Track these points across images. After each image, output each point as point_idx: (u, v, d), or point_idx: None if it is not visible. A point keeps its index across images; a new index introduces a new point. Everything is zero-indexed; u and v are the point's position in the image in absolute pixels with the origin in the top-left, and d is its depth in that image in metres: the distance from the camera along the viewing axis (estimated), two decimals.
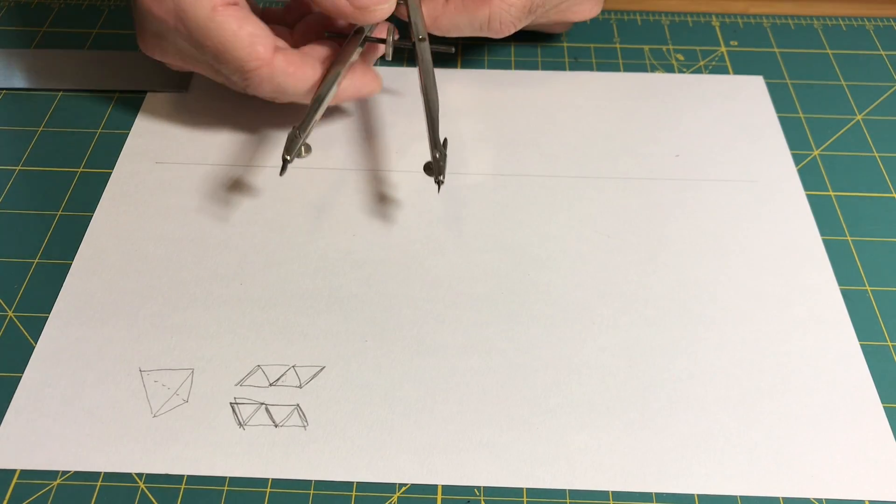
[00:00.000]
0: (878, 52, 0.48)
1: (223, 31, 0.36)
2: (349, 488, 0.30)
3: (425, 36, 0.40)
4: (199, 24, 0.36)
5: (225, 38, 0.36)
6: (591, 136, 0.43)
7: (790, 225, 0.39)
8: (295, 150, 0.36)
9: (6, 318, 0.35)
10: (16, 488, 0.30)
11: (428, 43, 0.40)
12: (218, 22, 0.36)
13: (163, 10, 0.36)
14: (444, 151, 0.36)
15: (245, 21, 0.36)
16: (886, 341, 0.35)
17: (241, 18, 0.36)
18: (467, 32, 0.41)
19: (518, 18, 0.41)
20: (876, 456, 0.31)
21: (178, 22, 0.36)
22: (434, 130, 0.37)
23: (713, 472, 0.31)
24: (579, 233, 0.38)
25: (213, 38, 0.36)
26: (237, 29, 0.36)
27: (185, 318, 0.35)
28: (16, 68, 0.46)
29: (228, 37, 0.36)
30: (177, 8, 0.36)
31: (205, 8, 0.35)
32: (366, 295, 0.36)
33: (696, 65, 0.47)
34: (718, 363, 0.34)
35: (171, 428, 0.31)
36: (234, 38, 0.36)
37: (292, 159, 0.36)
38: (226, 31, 0.36)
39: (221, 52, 0.36)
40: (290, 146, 0.36)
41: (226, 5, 0.36)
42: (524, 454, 0.31)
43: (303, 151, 0.36)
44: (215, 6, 0.36)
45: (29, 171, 0.41)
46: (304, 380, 0.33)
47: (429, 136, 0.36)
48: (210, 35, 0.36)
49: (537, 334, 0.34)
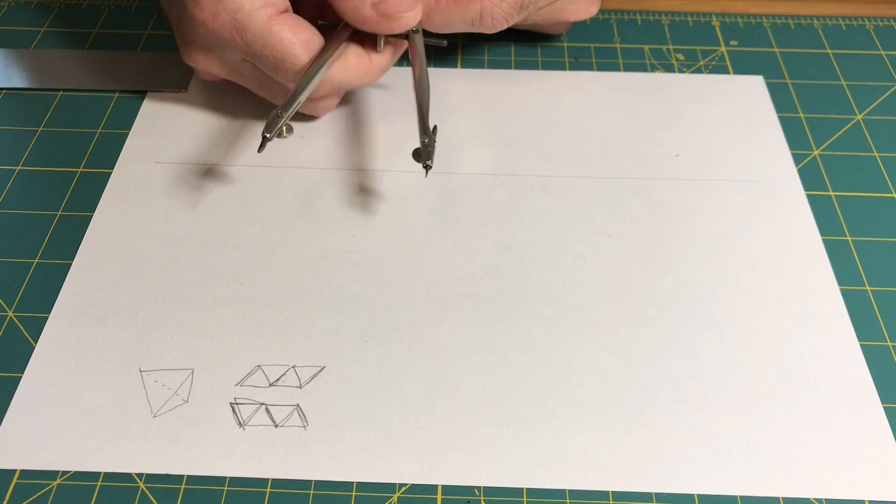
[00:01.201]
0: (878, 52, 0.48)
1: (281, 40, 0.36)
2: (349, 488, 0.30)
3: (419, 28, 0.40)
4: (257, 35, 0.36)
5: (283, 46, 0.36)
6: (590, 136, 0.43)
7: (790, 225, 0.39)
8: (276, 129, 0.36)
9: (6, 318, 0.35)
10: (16, 488, 0.30)
11: (421, 35, 0.40)
12: (274, 31, 0.36)
13: (218, 23, 0.36)
14: (434, 137, 0.36)
15: (298, 28, 0.37)
16: (886, 341, 0.35)
17: (294, 26, 0.37)
18: (460, 28, 0.41)
19: (510, 14, 0.41)
20: (876, 456, 0.31)
21: (236, 34, 0.36)
22: (424, 117, 0.37)
23: (713, 472, 0.30)
24: (579, 233, 0.38)
25: (270, 48, 0.36)
26: (292, 36, 0.36)
27: (185, 318, 0.35)
28: (16, 68, 0.46)
29: (287, 45, 0.36)
30: (234, 21, 0.36)
31: (261, 19, 0.36)
32: (366, 295, 0.36)
33: (696, 65, 0.47)
34: (718, 363, 0.34)
35: (171, 428, 0.31)
36: (291, 45, 0.36)
37: (272, 137, 0.36)
38: (283, 40, 0.36)
39: (280, 59, 0.37)
40: (271, 124, 0.36)
41: (278, 14, 0.37)
42: (524, 454, 0.31)
43: (284, 131, 0.36)
44: (270, 16, 0.36)
45: (29, 171, 0.41)
46: (304, 380, 0.33)
47: (419, 122, 0.37)
48: (267, 45, 0.36)
49: (537, 334, 0.34)
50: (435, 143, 0.36)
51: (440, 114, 0.43)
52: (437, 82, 0.45)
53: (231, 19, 0.36)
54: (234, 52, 0.38)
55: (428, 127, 0.36)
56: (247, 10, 0.36)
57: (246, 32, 0.36)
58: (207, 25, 0.37)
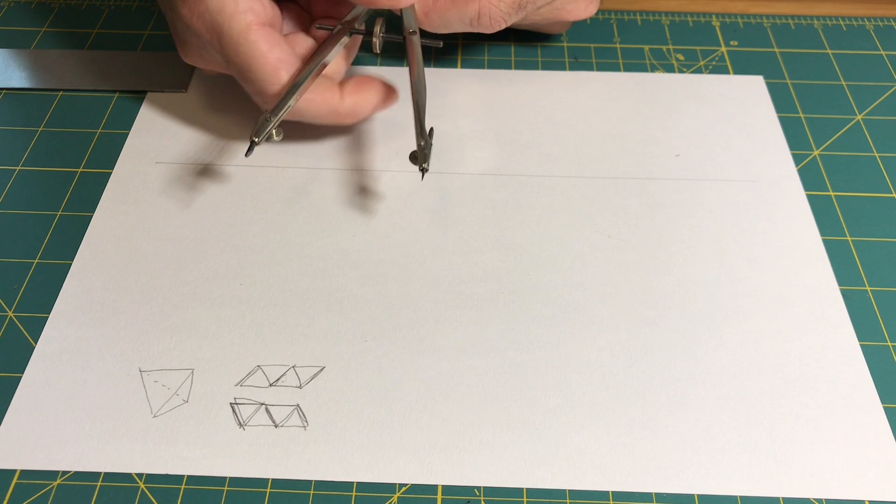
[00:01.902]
0: (878, 52, 0.48)
1: (253, 52, 0.36)
2: (349, 488, 0.30)
3: (416, 29, 0.40)
4: (232, 40, 0.36)
5: (253, 58, 0.36)
6: (590, 136, 0.43)
7: (790, 225, 0.39)
8: (264, 133, 0.36)
9: (6, 318, 0.35)
10: (16, 488, 0.30)
11: (419, 36, 0.40)
12: (250, 41, 0.36)
13: (201, 23, 0.37)
14: (430, 140, 0.36)
15: (275, 45, 0.36)
16: (886, 341, 0.35)
17: (273, 42, 0.36)
18: (458, 28, 0.41)
19: (508, 14, 0.41)
20: (876, 456, 0.31)
21: (213, 35, 0.37)
22: (420, 119, 0.37)
23: (713, 472, 0.31)
24: (579, 233, 0.38)
25: (242, 56, 0.36)
26: (266, 51, 0.36)
27: (185, 318, 0.35)
28: (16, 68, 0.46)
29: (257, 57, 0.36)
30: (213, 22, 0.36)
31: (239, 25, 0.36)
32: (366, 295, 0.36)
33: (696, 65, 0.47)
34: (718, 363, 0.34)
35: (171, 428, 0.31)
36: (262, 60, 0.36)
37: (260, 142, 0.36)
38: (256, 51, 0.36)
39: (246, 71, 0.37)
40: (260, 129, 0.36)
41: (261, 25, 0.36)
42: (524, 454, 0.31)
43: (274, 135, 0.36)
44: (250, 25, 0.36)
45: (29, 171, 0.41)
46: (304, 380, 0.33)
47: (415, 124, 0.37)
48: (239, 52, 0.36)
49: (537, 334, 0.34)
50: (431, 145, 0.36)
51: (440, 114, 0.43)
52: (437, 82, 0.45)
53: (211, 21, 0.36)
54: (215, 52, 0.38)
55: (424, 129, 0.36)
56: (227, 14, 0.36)
57: (223, 35, 0.36)
58: (192, 25, 0.37)
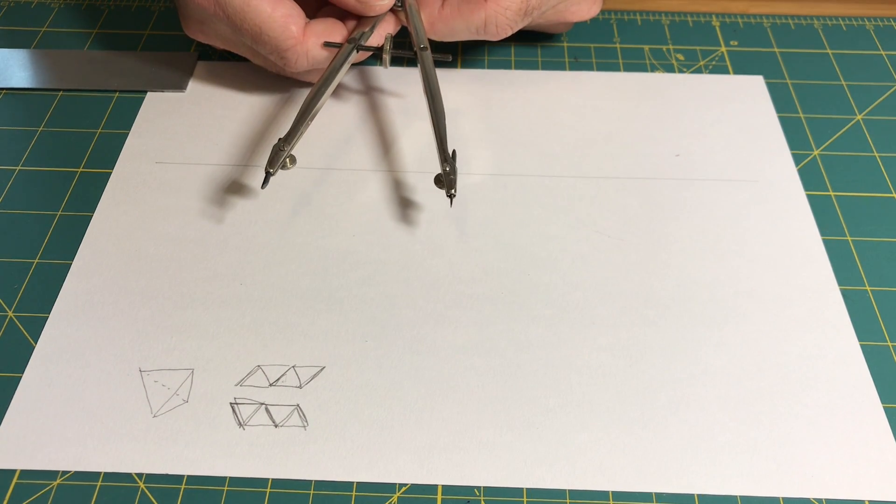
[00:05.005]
0: (878, 52, 0.48)
1: (259, 15, 0.38)
2: (349, 488, 0.30)
3: (427, 45, 0.40)
4: (237, 9, 0.38)
5: (261, 20, 0.38)
6: (591, 136, 0.43)
7: (790, 225, 0.39)
8: (279, 163, 0.35)
9: (6, 318, 0.35)
10: (16, 488, 0.30)
11: (430, 52, 0.39)
12: (253, 7, 0.37)
13: None
14: (455, 164, 0.36)
15: (278, 2, 0.38)
16: (886, 341, 0.35)
17: (275, 1, 0.38)
18: (464, 36, 0.41)
19: (514, 21, 0.41)
20: (876, 456, 0.31)
21: (218, 8, 0.38)
22: (442, 142, 0.36)
23: (713, 472, 0.31)
24: (579, 233, 0.38)
25: (250, 20, 0.38)
26: (271, 11, 0.38)
27: (185, 318, 0.35)
28: (16, 68, 0.46)
29: (264, 19, 0.38)
30: None
31: None
32: (366, 295, 0.36)
33: (696, 65, 0.47)
34: (718, 363, 0.34)
35: (171, 428, 0.31)
36: (269, 19, 0.38)
37: (275, 172, 0.35)
38: (261, 13, 0.38)
39: (258, 33, 0.38)
40: (274, 159, 0.35)
41: None
42: (524, 454, 0.31)
43: (288, 163, 0.36)
44: None
45: (29, 171, 0.41)
46: (304, 380, 0.33)
47: (437, 148, 0.36)
48: (247, 18, 0.38)
49: (537, 334, 0.34)
50: (456, 170, 0.35)
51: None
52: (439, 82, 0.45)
53: None
54: (221, 24, 0.39)
55: (447, 153, 0.36)
56: None
57: (227, 6, 0.38)
58: (196, 0, 0.38)
